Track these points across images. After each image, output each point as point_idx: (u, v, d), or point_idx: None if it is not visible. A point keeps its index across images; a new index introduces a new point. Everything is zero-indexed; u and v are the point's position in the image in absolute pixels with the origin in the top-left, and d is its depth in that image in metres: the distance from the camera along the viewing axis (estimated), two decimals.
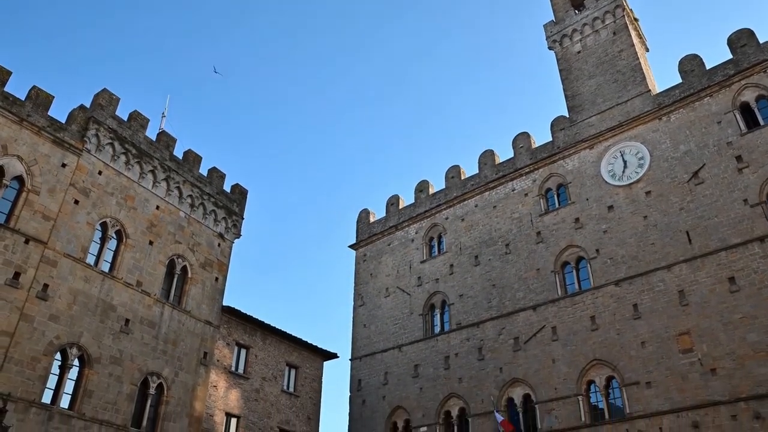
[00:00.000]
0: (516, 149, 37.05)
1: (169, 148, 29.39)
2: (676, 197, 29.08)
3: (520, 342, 31.29)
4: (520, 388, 30.41)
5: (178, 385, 26.02)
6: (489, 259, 34.99)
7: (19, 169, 23.17)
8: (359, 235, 43.80)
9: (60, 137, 24.69)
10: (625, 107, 33.00)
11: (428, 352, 34.98)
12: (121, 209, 26.29)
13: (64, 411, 21.84)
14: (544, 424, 28.71)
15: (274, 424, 30.00)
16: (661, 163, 30.32)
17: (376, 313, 39.11)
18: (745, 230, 26.38)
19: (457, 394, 32.48)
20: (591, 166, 32.97)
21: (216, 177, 31.65)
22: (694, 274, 27.03)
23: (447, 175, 40.16)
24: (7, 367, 20.56)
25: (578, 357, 28.89)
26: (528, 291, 32.36)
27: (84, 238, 24.45)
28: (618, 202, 30.99)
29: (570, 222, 32.41)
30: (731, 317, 25.29)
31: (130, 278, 25.67)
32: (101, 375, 23.30)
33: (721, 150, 28.58)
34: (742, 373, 24.23)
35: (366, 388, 36.96)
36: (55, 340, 22.21)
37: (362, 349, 38.60)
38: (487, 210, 36.64)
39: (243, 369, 29.68)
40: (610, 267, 29.83)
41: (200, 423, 26.39)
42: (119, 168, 26.75)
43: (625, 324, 28.05)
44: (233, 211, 31.94)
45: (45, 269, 22.67)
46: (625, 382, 26.98)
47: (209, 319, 28.53)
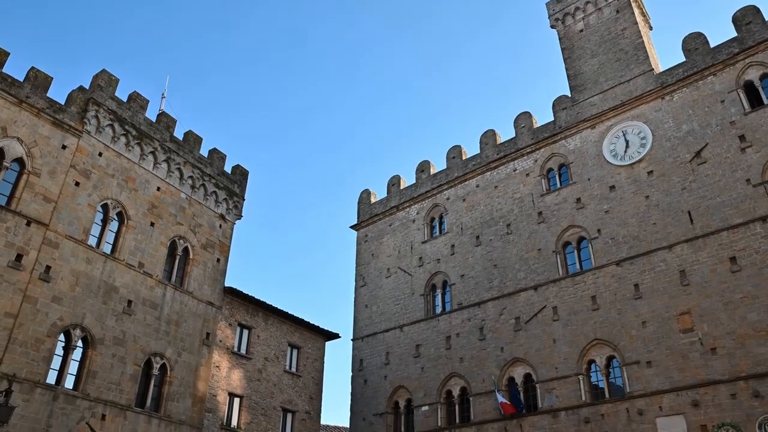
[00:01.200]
0: (517, 129, 36.89)
1: (169, 129, 29.29)
2: (678, 177, 29.00)
3: (521, 322, 31.42)
4: (521, 368, 30.61)
5: (181, 366, 26.21)
6: (490, 240, 35.02)
7: (19, 151, 23.11)
8: (360, 215, 43.81)
9: (60, 119, 24.59)
10: (627, 86, 32.77)
11: (429, 332, 35.17)
12: (122, 191, 26.27)
13: (69, 391, 22.03)
14: (544, 403, 28.95)
15: (277, 404, 30.25)
16: (664, 143, 30.19)
17: (378, 294, 39.26)
18: (747, 210, 26.34)
19: (459, 373, 32.71)
20: (593, 146, 32.84)
21: (216, 158, 31.57)
22: (695, 254, 27.05)
23: (448, 155, 40.05)
24: (12, 348, 20.70)
25: (579, 337, 29.03)
26: (529, 271, 32.42)
27: (85, 220, 24.47)
28: (620, 182, 30.91)
29: (571, 202, 32.36)
30: (732, 297, 25.35)
31: (132, 260, 25.73)
32: (105, 356, 23.46)
33: (724, 129, 28.43)
34: (742, 352, 24.35)
35: (368, 367, 37.22)
36: (59, 321, 22.34)
37: (364, 329, 38.81)
38: (489, 190, 36.58)
39: (245, 349, 29.86)
40: (612, 247, 29.85)
41: (203, 403, 26.63)
42: (119, 149, 26.68)
43: (626, 304, 28.15)
44: (234, 192, 31.92)
45: (47, 251, 22.71)
46: (626, 362, 27.14)
47: (211, 300, 28.65)
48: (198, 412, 26.23)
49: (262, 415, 29.26)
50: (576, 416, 27.62)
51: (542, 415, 28.69)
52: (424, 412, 33.26)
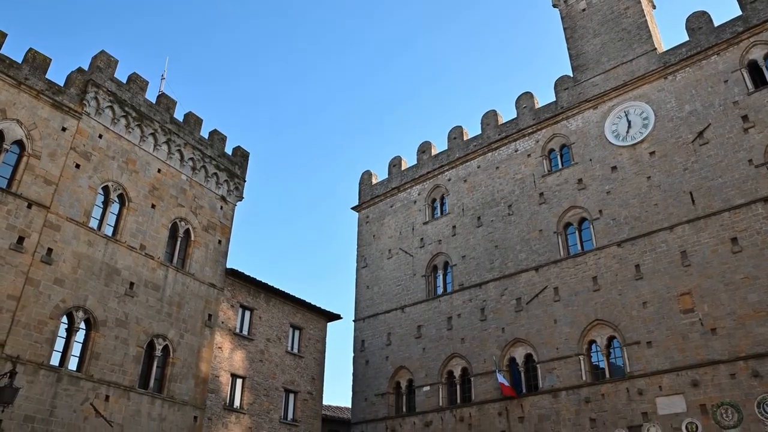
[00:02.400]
0: (519, 109, 36.69)
1: (169, 111, 29.16)
2: (680, 158, 28.89)
3: (522, 302, 31.53)
4: (522, 348, 30.78)
5: (183, 347, 26.36)
6: (491, 221, 35.02)
7: (18, 133, 23.04)
8: (362, 196, 43.78)
9: (59, 101, 24.47)
10: (630, 66, 32.52)
11: (431, 313, 35.32)
12: (122, 173, 26.23)
13: (73, 373, 22.19)
14: (545, 383, 29.15)
15: (279, 385, 30.48)
16: (666, 123, 30.03)
17: (379, 275, 39.37)
18: (749, 191, 26.27)
19: (460, 354, 32.91)
20: (595, 127, 32.69)
21: (217, 139, 31.48)
22: (696, 234, 27.04)
23: (449, 135, 39.90)
24: (15, 330, 20.81)
25: (580, 317, 29.14)
26: (530, 252, 32.46)
27: (86, 202, 24.46)
28: (621, 163, 30.81)
29: (573, 183, 32.29)
30: (733, 278, 25.39)
31: (133, 242, 25.77)
32: (108, 337, 23.59)
33: (726, 109, 28.25)
34: (742, 332, 24.45)
35: (369, 348, 37.45)
36: (61, 303, 22.43)
37: (365, 310, 38.99)
38: (490, 171, 36.50)
39: (247, 331, 30.01)
40: (613, 228, 29.84)
41: (206, 384, 26.83)
42: (120, 131, 26.60)
43: (626, 284, 28.21)
44: (235, 174, 31.87)
45: (48, 233, 22.74)
46: (626, 342, 27.27)
47: (213, 281, 28.74)
48: (201, 392, 26.44)
49: (264, 395, 29.50)
50: (576, 396, 27.83)
51: (543, 394, 28.90)
52: (425, 392, 33.52)
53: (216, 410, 27.09)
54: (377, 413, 35.18)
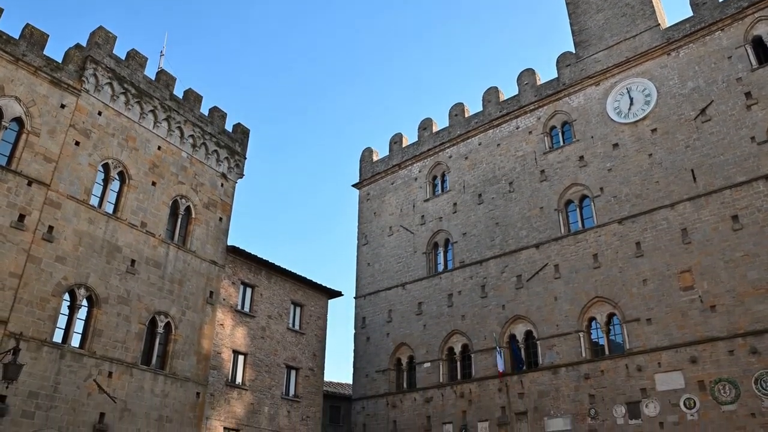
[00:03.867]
0: (521, 86, 36.43)
1: (168, 88, 28.95)
2: (682, 135, 28.75)
3: (522, 280, 31.64)
4: (522, 325, 30.97)
5: (185, 324, 26.50)
6: (492, 198, 34.99)
7: (17, 111, 22.90)
8: (362, 174, 43.71)
9: (57, 77, 24.28)
10: (633, 42, 32.20)
11: (431, 290, 35.46)
12: (122, 150, 26.13)
13: (75, 350, 22.33)
14: (545, 360, 29.37)
15: (281, 361, 30.71)
16: (668, 100, 29.84)
17: (380, 252, 39.46)
18: (751, 168, 26.19)
19: (460, 330, 33.13)
20: (597, 103, 32.49)
21: (217, 117, 31.30)
22: (697, 212, 27.02)
23: (451, 112, 39.69)
24: (18, 307, 20.90)
25: (580, 294, 29.27)
26: (531, 229, 32.48)
27: (87, 180, 24.40)
28: (623, 140, 30.68)
29: (574, 160, 32.19)
30: (733, 255, 25.44)
31: (134, 219, 25.75)
32: (110, 314, 23.70)
33: (730, 86, 28.04)
34: (741, 309, 24.57)
35: (370, 325, 37.69)
36: (63, 281, 22.49)
37: (366, 287, 39.16)
38: (491, 148, 36.37)
39: (249, 308, 30.14)
40: (614, 205, 29.82)
41: (208, 360, 27.03)
42: (119, 108, 26.43)
43: (627, 262, 28.27)
44: (235, 151, 31.75)
45: (49, 211, 22.71)
46: (626, 319, 27.42)
47: (214, 258, 28.79)
48: (203, 369, 26.65)
49: (266, 372, 29.73)
50: (576, 372, 28.06)
51: (543, 371, 29.15)
52: (426, 368, 33.81)
53: (218, 386, 27.33)
54: (378, 389, 35.52)
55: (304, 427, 30.77)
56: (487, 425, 30.00)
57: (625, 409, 26.07)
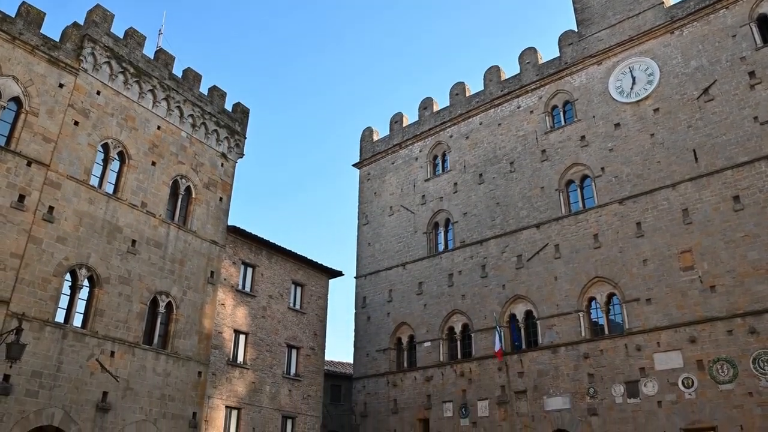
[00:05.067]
0: (522, 65, 36.13)
1: (167, 67, 28.71)
2: (684, 115, 28.58)
3: (522, 260, 31.69)
4: (522, 305, 31.08)
5: (186, 304, 26.59)
6: (493, 178, 34.90)
7: (15, 90, 22.72)
8: (363, 153, 43.57)
9: (55, 56, 24.06)
10: (636, 21, 31.86)
11: (432, 270, 35.54)
12: (122, 130, 25.99)
13: (78, 329, 22.43)
14: (545, 339, 29.52)
15: (282, 340, 30.88)
16: (671, 80, 29.61)
17: (381, 232, 39.49)
18: (753, 148, 26.07)
19: (461, 310, 33.26)
20: (599, 83, 32.25)
21: (217, 96, 31.09)
22: (698, 192, 26.96)
23: (451, 92, 39.43)
24: (19, 288, 20.94)
25: (580, 274, 29.33)
26: (532, 209, 32.45)
27: (86, 160, 24.30)
28: (625, 120, 30.51)
29: (575, 140, 32.05)
30: (733, 235, 25.44)
31: (134, 199, 25.70)
32: (111, 295, 23.77)
33: (733, 65, 27.80)
34: (740, 290, 24.64)
35: (371, 305, 37.84)
36: (64, 261, 22.51)
37: (367, 267, 39.25)
38: (492, 128, 36.19)
39: (250, 287, 30.23)
40: (615, 185, 29.75)
41: (209, 340, 27.17)
42: (118, 87, 26.23)
43: (627, 242, 28.28)
44: (235, 131, 31.60)
45: (49, 191, 22.65)
46: (626, 299, 27.51)
47: (215, 238, 28.80)
48: (204, 348, 26.80)
49: (267, 351, 29.91)
50: (575, 352, 28.22)
51: (542, 350, 29.32)
52: (426, 347, 34.02)
53: (220, 365, 27.51)
54: (379, 368, 35.78)
55: (305, 405, 31.05)
56: (487, 404, 30.26)
57: (624, 388, 26.27)
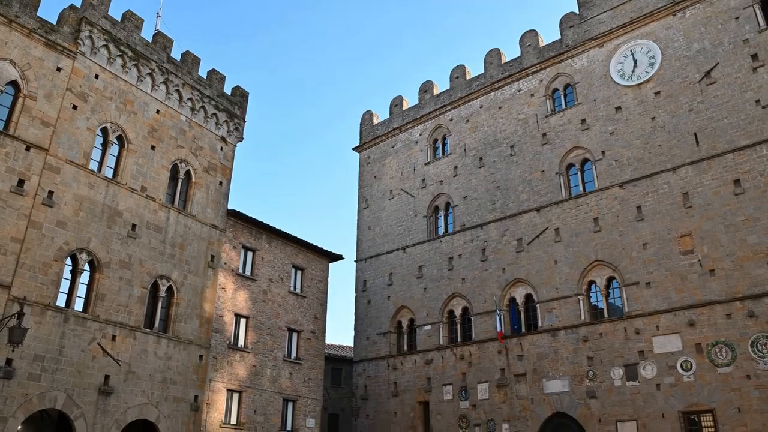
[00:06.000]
0: (523, 48, 35.87)
1: (166, 50, 28.51)
2: (686, 98, 28.43)
3: (523, 243, 31.72)
4: (522, 288, 31.16)
5: (187, 288, 26.66)
6: (493, 161, 34.82)
7: (13, 74, 22.57)
8: (363, 137, 43.42)
9: (52, 39, 23.87)
10: (638, 2, 31.56)
11: (432, 254, 35.59)
12: (120, 114, 25.87)
13: (79, 313, 22.50)
14: (544, 323, 29.64)
15: (282, 324, 31.01)
16: (673, 63, 29.41)
17: (381, 216, 39.48)
18: (755, 132, 25.97)
19: (461, 293, 33.36)
20: (600, 66, 32.04)
21: (216, 79, 30.92)
22: (699, 176, 26.91)
23: (452, 75, 39.19)
24: (20, 272, 20.98)
25: (580, 258, 29.36)
26: (532, 193, 32.41)
27: (85, 144, 24.22)
28: (626, 103, 30.36)
29: (576, 123, 31.92)
30: (734, 219, 25.42)
31: (134, 184, 25.66)
32: (112, 279, 23.82)
33: (736, 48, 27.58)
34: (740, 273, 24.68)
35: (371, 288, 37.94)
36: (65, 245, 22.53)
37: (367, 250, 39.29)
38: (493, 111, 36.03)
39: (250, 271, 30.28)
40: (615, 169, 29.68)
41: (210, 323, 27.28)
42: (116, 71, 26.07)
43: (627, 226, 28.28)
44: (235, 114, 31.46)
45: (48, 176, 22.60)
46: (625, 283, 27.57)
47: (215, 222, 28.80)
48: (205, 332, 26.91)
49: (268, 334, 30.05)
50: (575, 335, 28.34)
51: (542, 333, 29.45)
52: (426, 331, 34.17)
53: (221, 349, 27.65)
54: (379, 351, 35.97)
55: (305, 388, 31.25)
56: (487, 386, 30.45)
57: (623, 371, 26.42)
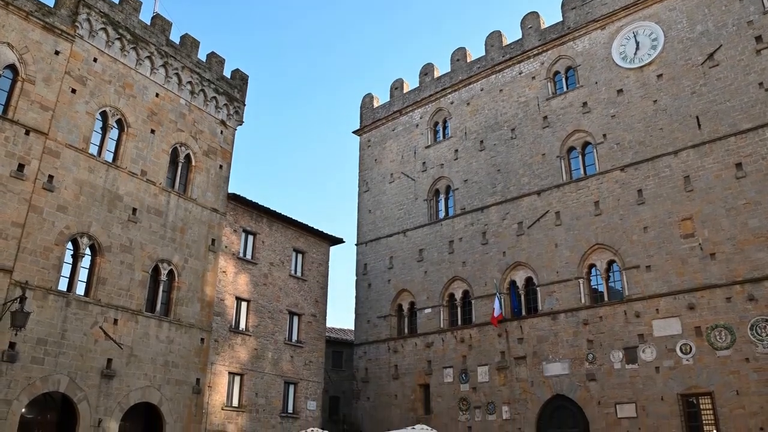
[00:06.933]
0: (524, 30, 35.57)
1: (164, 33, 28.30)
2: (688, 80, 28.25)
3: (523, 227, 31.72)
4: (523, 272, 31.21)
5: (188, 272, 26.72)
6: (494, 144, 34.70)
7: (10, 57, 22.41)
8: (363, 120, 43.24)
9: (50, 22, 23.68)
10: None
11: (432, 237, 35.61)
12: (120, 97, 25.75)
13: (81, 298, 22.59)
14: (544, 306, 29.73)
15: (283, 307, 31.12)
16: (675, 45, 29.18)
17: (381, 199, 39.45)
18: (757, 115, 25.83)
19: (461, 277, 33.42)
20: (602, 48, 31.80)
21: (215, 62, 30.73)
22: (701, 159, 26.82)
23: (452, 57, 38.92)
24: (22, 257, 21.02)
25: (580, 241, 29.38)
26: (533, 176, 32.34)
27: (85, 128, 24.13)
28: (628, 86, 30.18)
29: (577, 106, 31.76)
30: (735, 203, 25.39)
31: (134, 168, 25.61)
32: (113, 263, 23.86)
33: (740, 30, 27.34)
34: (740, 257, 24.70)
35: (372, 272, 38.01)
36: (65, 230, 22.54)
37: (368, 234, 39.31)
38: (494, 94, 35.84)
39: (251, 255, 30.34)
40: (617, 152, 29.59)
41: (212, 307, 27.38)
42: (115, 54, 25.89)
43: (628, 209, 28.25)
44: (234, 98, 31.31)
45: (48, 160, 22.55)
46: (626, 266, 27.60)
47: (215, 206, 28.79)
48: (207, 315, 27.02)
49: (269, 318, 30.17)
50: (575, 318, 28.44)
51: (542, 317, 29.55)
52: (426, 314, 34.29)
53: (222, 332, 27.78)
54: (380, 335, 36.13)
55: (306, 371, 31.45)
56: (487, 369, 30.63)
57: (623, 354, 26.55)
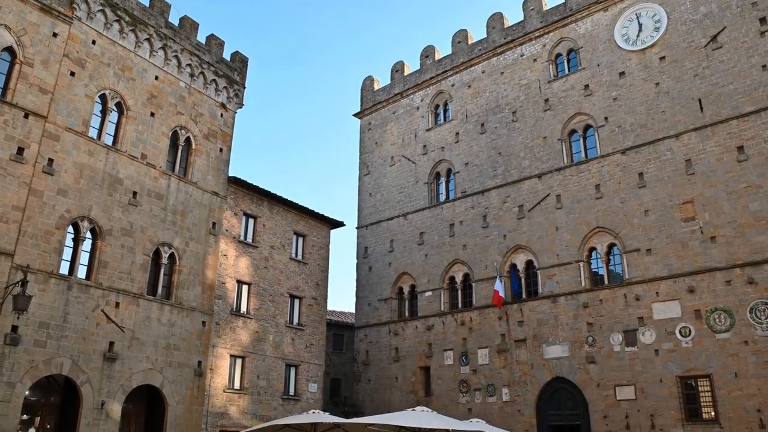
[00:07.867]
0: (526, 12, 35.25)
1: (163, 15, 28.07)
2: (691, 63, 28.06)
3: (524, 210, 31.69)
4: (523, 255, 31.25)
5: (189, 255, 26.77)
6: (495, 127, 34.57)
7: (8, 40, 22.24)
8: (363, 103, 43.03)
9: (47, 4, 23.46)
10: None
11: (433, 220, 35.61)
12: (119, 80, 25.61)
13: (82, 281, 22.65)
14: (545, 289, 29.80)
15: (284, 290, 31.21)
16: (679, 27, 28.94)
17: (382, 182, 39.39)
18: (760, 98, 25.69)
19: (462, 260, 33.47)
20: (604, 30, 31.54)
21: (215, 45, 30.52)
22: (702, 143, 26.73)
23: (454, 39, 38.63)
24: (23, 240, 21.04)
25: (581, 225, 29.38)
26: (534, 159, 32.25)
27: (84, 111, 24.03)
28: (630, 68, 29.98)
29: (579, 89, 31.58)
30: (736, 186, 25.34)
31: (134, 151, 25.55)
32: (114, 246, 23.90)
33: (744, 11, 27.09)
34: (741, 240, 24.71)
35: (372, 255, 38.07)
36: (66, 213, 22.54)
37: (368, 217, 39.31)
38: (495, 76, 35.62)
39: (252, 238, 30.36)
40: (618, 135, 29.47)
41: (213, 290, 27.46)
42: (113, 37, 25.71)
43: (629, 192, 28.21)
44: (234, 80, 31.15)
45: (48, 144, 22.47)
46: (626, 249, 27.62)
47: (216, 189, 28.76)
48: (208, 298, 27.12)
49: (270, 300, 30.27)
50: (575, 301, 28.53)
51: (542, 299, 29.64)
52: (427, 297, 34.40)
53: (223, 315, 27.89)
54: (380, 317, 36.27)
55: (308, 354, 31.62)
56: (487, 352, 30.79)
57: (622, 337, 26.67)
